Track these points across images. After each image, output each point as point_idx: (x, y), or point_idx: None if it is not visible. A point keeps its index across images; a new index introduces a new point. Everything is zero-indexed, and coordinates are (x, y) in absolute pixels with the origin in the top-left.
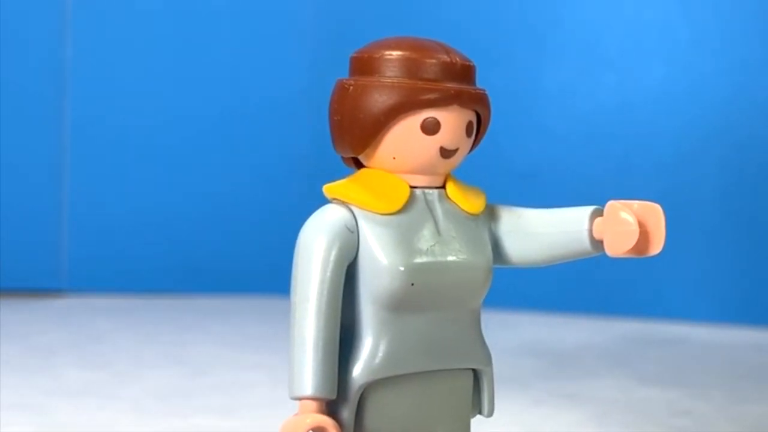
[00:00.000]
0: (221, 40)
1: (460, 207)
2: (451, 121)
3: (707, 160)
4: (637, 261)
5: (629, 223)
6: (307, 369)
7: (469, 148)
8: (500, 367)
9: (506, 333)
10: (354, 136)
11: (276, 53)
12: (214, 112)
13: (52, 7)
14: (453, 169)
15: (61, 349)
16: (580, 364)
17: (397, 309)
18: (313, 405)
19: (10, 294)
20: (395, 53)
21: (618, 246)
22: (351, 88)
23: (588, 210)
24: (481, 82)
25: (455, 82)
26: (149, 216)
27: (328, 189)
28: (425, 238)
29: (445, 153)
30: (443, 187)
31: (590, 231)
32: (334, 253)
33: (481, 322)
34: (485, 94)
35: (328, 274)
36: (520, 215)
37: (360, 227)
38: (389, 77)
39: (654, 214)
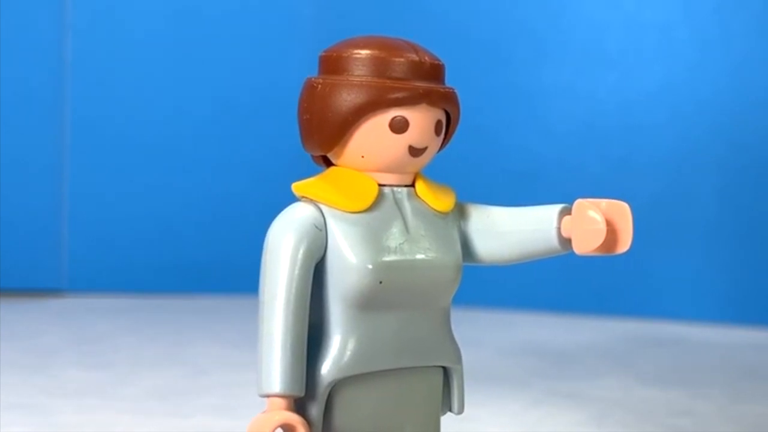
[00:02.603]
0: (219, 40)
1: (429, 205)
2: (420, 119)
3: (706, 160)
4: (636, 260)
5: (597, 222)
6: (275, 366)
7: (438, 147)
8: (500, 367)
9: (506, 333)
10: (322, 135)
11: (274, 53)
12: (215, 112)
13: (52, 6)
14: (422, 168)
15: (61, 349)
16: (580, 364)
17: (365, 307)
18: (281, 402)
19: (10, 294)
20: (364, 52)
21: (586, 244)
22: (319, 86)
23: (556, 208)
24: (481, 81)
25: (424, 81)
26: (149, 216)
27: (296, 187)
28: (394, 236)
29: (414, 151)
30: (412, 185)
31: (558, 229)
32: (302, 251)
33: (450, 320)
34: (454, 93)
35: (297, 272)
36: (489, 214)
37: (328, 225)
38: (357, 76)
39: (622, 213)
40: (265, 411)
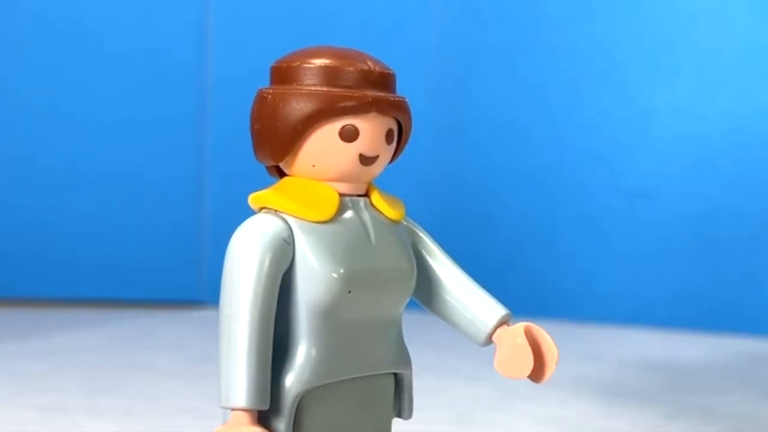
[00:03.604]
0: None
1: (384, 215)
2: (370, 128)
3: None
4: (750, 278)
5: (525, 370)
6: (240, 380)
7: (390, 156)
8: (626, 381)
9: (623, 348)
10: (273, 145)
11: (400, 82)
12: None
13: (192, 30)
14: (374, 177)
15: (212, 357)
16: (704, 380)
17: (331, 317)
18: (245, 416)
19: (153, 305)
20: (313, 61)
21: (506, 369)
22: (269, 96)
23: (498, 314)
24: (595, 103)
25: (374, 90)
26: None
27: (255, 198)
28: (359, 245)
29: (365, 160)
30: (366, 195)
31: (489, 335)
32: (267, 264)
33: (402, 326)
34: (405, 102)
35: (262, 285)
36: (443, 271)
37: (295, 236)
38: (307, 85)
39: (549, 354)
40: (229, 424)
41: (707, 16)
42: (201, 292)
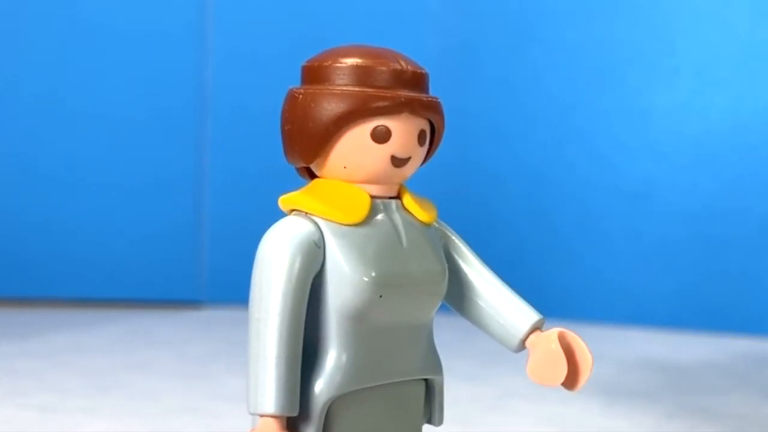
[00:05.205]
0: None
1: (416, 217)
2: (402, 129)
3: None
4: (750, 278)
5: (558, 377)
6: (269, 385)
7: (422, 158)
8: (626, 381)
9: (623, 348)
10: (304, 146)
11: None
12: None
13: (192, 29)
14: (406, 179)
15: (213, 357)
16: (704, 379)
17: (363, 321)
18: (274, 422)
19: (152, 305)
20: (345, 61)
21: (539, 376)
22: (300, 96)
23: (531, 319)
24: (594, 103)
25: (406, 90)
26: None
27: (285, 201)
28: (390, 248)
29: (397, 162)
30: (398, 197)
31: (522, 341)
32: (298, 267)
33: (433, 331)
34: (438, 102)
35: (292, 288)
36: (475, 276)
37: (326, 239)
38: (338, 85)
39: (584, 361)
40: (257, 430)
41: (707, 16)
42: (200, 292)
